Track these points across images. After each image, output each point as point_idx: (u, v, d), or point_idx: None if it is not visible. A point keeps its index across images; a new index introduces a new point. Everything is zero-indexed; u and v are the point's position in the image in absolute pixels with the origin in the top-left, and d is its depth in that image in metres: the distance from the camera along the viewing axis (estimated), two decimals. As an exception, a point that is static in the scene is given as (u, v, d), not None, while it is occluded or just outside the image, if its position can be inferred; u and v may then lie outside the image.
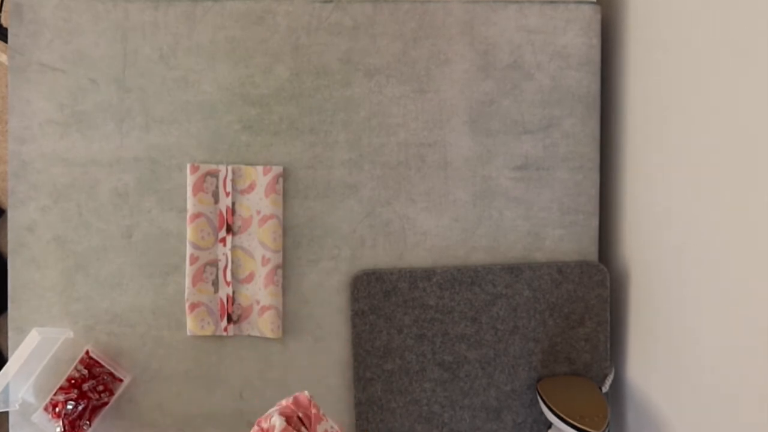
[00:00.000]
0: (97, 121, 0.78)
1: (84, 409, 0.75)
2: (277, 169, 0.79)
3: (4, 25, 1.29)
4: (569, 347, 0.82)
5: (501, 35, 0.81)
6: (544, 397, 0.76)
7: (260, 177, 0.79)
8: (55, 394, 0.75)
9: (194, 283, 0.78)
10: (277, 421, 0.47)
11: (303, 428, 0.48)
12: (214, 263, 0.79)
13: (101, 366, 0.77)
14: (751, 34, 0.56)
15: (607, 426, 0.69)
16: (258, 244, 0.79)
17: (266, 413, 0.50)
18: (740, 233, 0.58)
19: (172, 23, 0.78)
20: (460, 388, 0.81)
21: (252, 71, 0.79)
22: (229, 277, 0.79)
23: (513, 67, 0.81)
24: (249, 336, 0.80)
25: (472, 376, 0.81)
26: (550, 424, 0.81)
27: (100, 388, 0.77)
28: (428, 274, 0.80)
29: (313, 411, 0.49)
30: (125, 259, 0.79)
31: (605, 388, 0.81)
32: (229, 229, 0.79)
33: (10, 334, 0.78)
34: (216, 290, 0.79)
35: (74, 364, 0.76)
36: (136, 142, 0.79)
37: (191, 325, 0.78)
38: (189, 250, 0.78)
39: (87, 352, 0.77)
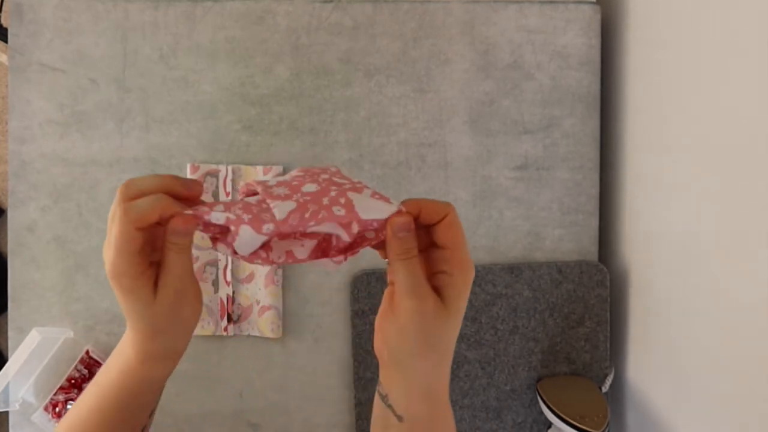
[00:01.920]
0: (97, 121, 0.78)
1: (84, 409, 0.75)
2: (277, 169, 0.79)
3: (4, 25, 1.29)
4: (569, 347, 0.81)
5: (501, 35, 0.81)
6: (544, 397, 0.76)
7: (260, 177, 0.79)
8: (55, 394, 0.75)
9: (194, 283, 0.78)
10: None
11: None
12: (214, 263, 0.79)
13: (101, 366, 0.77)
14: (751, 34, 0.56)
15: (607, 426, 0.69)
16: (258, 244, 0.79)
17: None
18: (740, 233, 0.58)
19: (172, 23, 0.78)
20: (460, 388, 0.81)
21: (252, 71, 0.79)
22: (229, 277, 0.79)
23: (513, 67, 0.81)
24: (249, 336, 0.80)
25: (472, 376, 0.81)
26: (550, 424, 0.81)
27: (100, 388, 0.77)
28: (428, 274, 0.80)
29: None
30: (125, 259, 0.79)
31: (605, 388, 0.81)
32: (229, 229, 0.79)
33: (10, 334, 0.78)
34: (216, 290, 0.79)
35: (74, 364, 0.76)
36: (136, 142, 0.79)
37: (191, 325, 0.78)
38: (189, 250, 0.78)
39: (87, 352, 0.77)
